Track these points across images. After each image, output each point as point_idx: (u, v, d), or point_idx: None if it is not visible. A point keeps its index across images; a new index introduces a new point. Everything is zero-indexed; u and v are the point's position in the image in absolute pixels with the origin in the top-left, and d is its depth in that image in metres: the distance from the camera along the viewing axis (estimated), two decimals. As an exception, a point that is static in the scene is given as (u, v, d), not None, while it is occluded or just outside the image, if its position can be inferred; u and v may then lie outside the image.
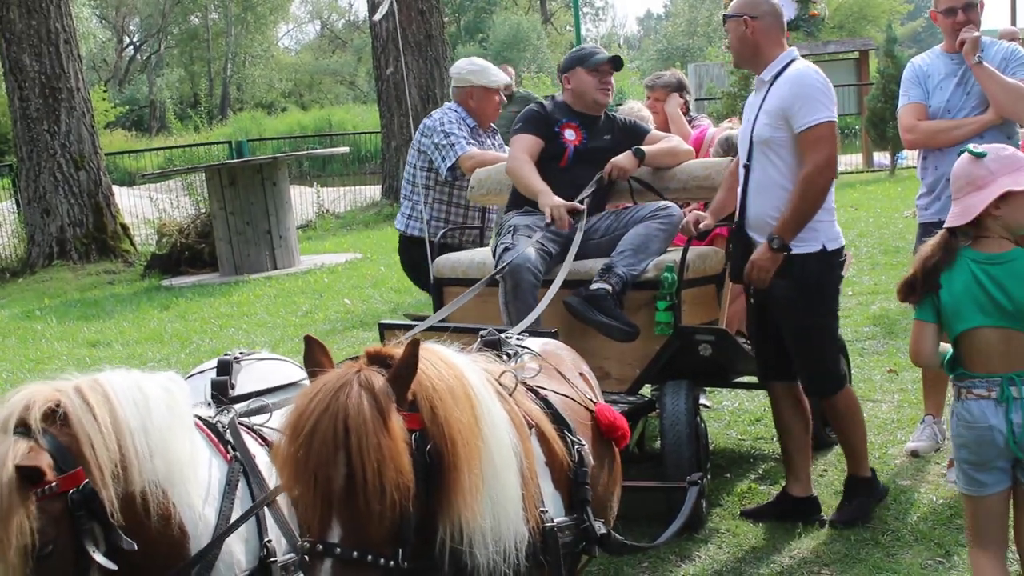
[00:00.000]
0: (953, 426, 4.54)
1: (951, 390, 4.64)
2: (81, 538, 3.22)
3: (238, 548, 3.63)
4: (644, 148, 7.05)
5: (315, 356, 3.24)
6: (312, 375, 3.19)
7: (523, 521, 3.35)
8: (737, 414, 8.51)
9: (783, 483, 6.93)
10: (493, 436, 3.24)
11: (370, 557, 2.95)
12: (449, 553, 3.20)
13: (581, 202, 6.70)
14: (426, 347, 3.27)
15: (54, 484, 3.18)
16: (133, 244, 21.01)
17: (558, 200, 6.60)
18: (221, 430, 3.82)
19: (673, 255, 6.61)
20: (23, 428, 3.24)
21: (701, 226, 6.52)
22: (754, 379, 7.44)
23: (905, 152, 23.18)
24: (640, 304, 6.52)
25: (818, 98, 5.92)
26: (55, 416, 3.29)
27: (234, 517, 3.62)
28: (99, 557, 3.23)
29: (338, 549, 2.93)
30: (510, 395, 3.61)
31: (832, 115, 5.95)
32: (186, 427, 3.60)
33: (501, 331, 4.47)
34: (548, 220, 6.54)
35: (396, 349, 3.18)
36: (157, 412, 3.46)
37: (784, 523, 6.35)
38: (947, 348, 4.54)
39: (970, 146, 4.51)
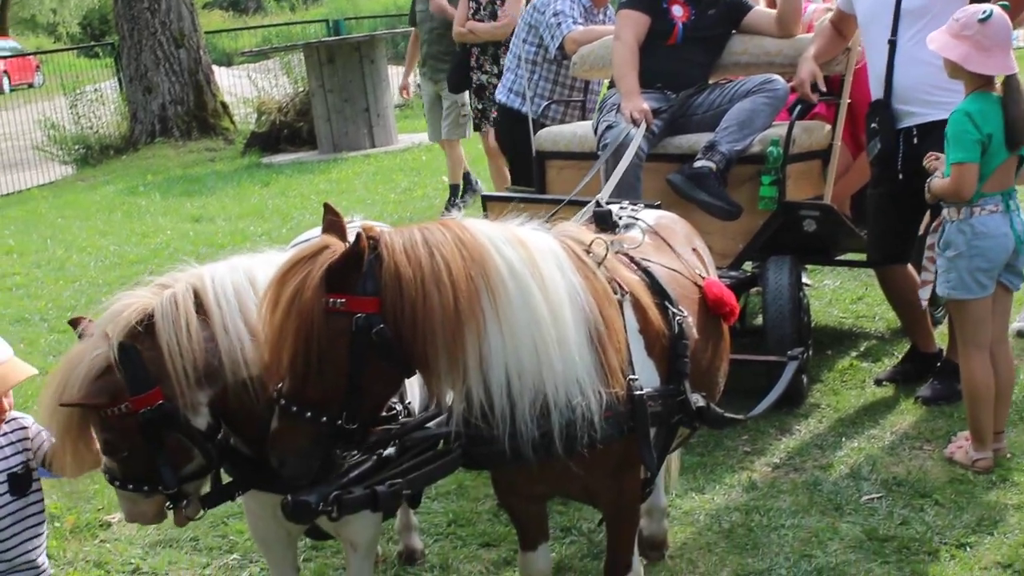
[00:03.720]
0: (964, 242, 5.33)
1: (965, 211, 5.34)
2: (154, 452, 3.39)
3: None
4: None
5: (328, 221, 3.39)
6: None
7: (595, 385, 3.40)
8: (839, 292, 8.46)
9: (885, 360, 6.95)
10: (525, 309, 3.28)
11: (308, 414, 3.23)
12: (465, 423, 3.42)
13: (659, 112, 6.63)
14: (448, 225, 3.35)
15: (124, 406, 3.33)
16: (233, 122, 21.19)
17: (641, 105, 6.52)
18: None
19: (779, 129, 6.52)
20: (110, 343, 3.35)
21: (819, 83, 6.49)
22: (857, 257, 7.40)
23: None
24: (744, 178, 6.47)
25: None
26: (143, 329, 3.39)
27: None
28: (165, 472, 3.40)
29: (282, 400, 3.25)
30: (600, 264, 3.64)
31: None
32: None
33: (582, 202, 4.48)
34: (627, 121, 6.45)
35: (380, 230, 3.33)
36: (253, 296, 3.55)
37: (887, 399, 6.36)
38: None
39: None
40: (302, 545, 4.97)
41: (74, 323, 3.55)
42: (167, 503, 3.52)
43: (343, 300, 3.17)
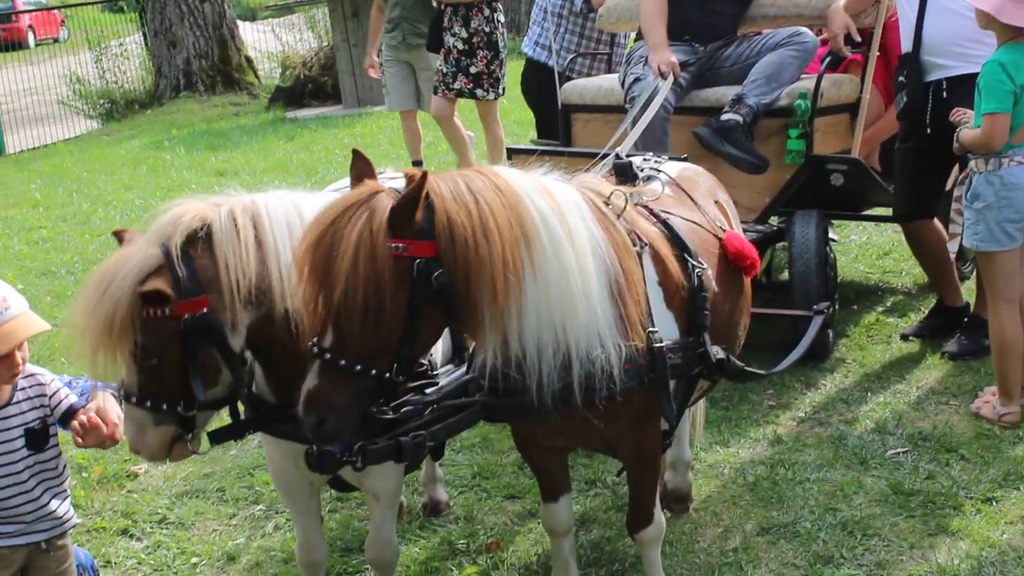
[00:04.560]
0: (993, 193, 5.32)
1: (994, 162, 5.33)
2: (187, 362, 3.34)
3: None
4: None
5: (359, 168, 3.34)
6: (353, 186, 3.30)
7: (615, 338, 3.39)
8: (865, 248, 8.41)
9: (912, 316, 6.91)
10: (555, 259, 3.25)
11: (357, 367, 3.13)
12: (502, 374, 3.37)
13: (687, 65, 6.56)
14: (484, 172, 3.32)
15: (168, 309, 3.28)
16: (257, 77, 21.19)
17: (669, 57, 6.45)
18: None
19: (806, 82, 6.46)
20: (164, 246, 3.33)
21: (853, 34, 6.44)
22: (883, 212, 7.35)
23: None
24: (772, 132, 6.42)
25: None
26: (199, 237, 3.36)
27: None
28: (196, 384, 3.36)
29: (327, 355, 3.13)
30: (619, 216, 3.61)
31: None
32: None
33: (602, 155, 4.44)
34: (655, 74, 6.39)
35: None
36: None
37: (913, 354, 6.34)
38: None
39: None
40: (326, 496, 5.00)
41: (118, 234, 3.52)
42: (174, 435, 3.46)
43: (404, 245, 3.11)
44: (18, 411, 3.69)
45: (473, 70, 9.57)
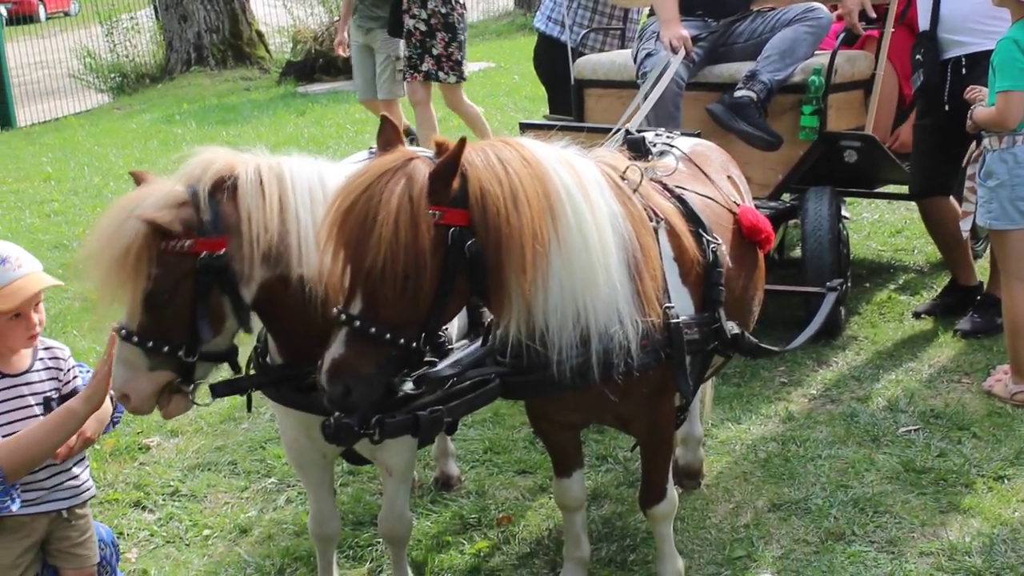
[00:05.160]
0: (1006, 172, 5.32)
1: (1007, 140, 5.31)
2: (196, 301, 3.30)
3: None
4: None
5: (387, 134, 3.33)
6: (381, 152, 3.27)
7: (632, 314, 3.38)
8: (877, 225, 8.39)
9: (924, 294, 6.90)
10: (579, 232, 3.24)
11: (388, 335, 3.09)
12: (525, 348, 3.34)
13: (699, 40, 6.52)
14: (510, 143, 3.28)
15: (186, 243, 3.25)
16: (268, 51, 21.13)
17: (681, 32, 6.42)
18: None
19: (821, 58, 6.44)
20: (191, 186, 3.32)
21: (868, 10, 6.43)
22: (895, 189, 7.33)
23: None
24: (785, 108, 6.40)
25: None
26: (226, 185, 3.34)
27: None
28: (203, 327, 3.32)
29: (356, 322, 3.07)
30: (635, 190, 3.60)
31: None
32: None
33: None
34: (667, 49, 6.36)
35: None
36: None
37: (926, 332, 6.33)
38: None
39: None
40: (338, 471, 5.01)
41: (135, 174, 3.49)
42: (169, 382, 3.39)
43: (441, 212, 3.09)
44: (37, 379, 3.73)
45: (435, 52, 9.54)
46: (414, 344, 3.15)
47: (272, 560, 4.60)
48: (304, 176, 3.45)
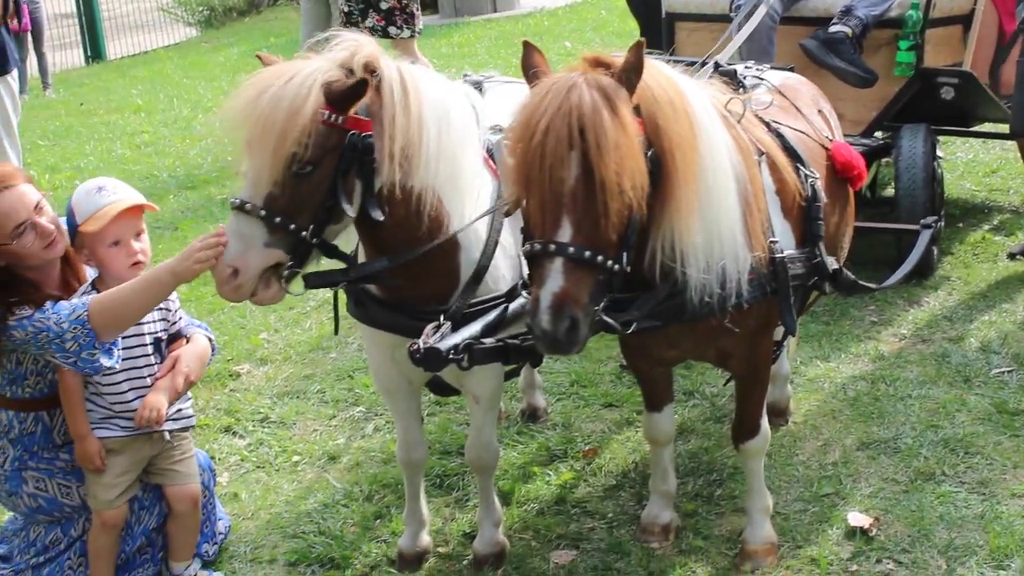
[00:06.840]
0: None
1: None
2: (337, 179, 3.25)
3: (503, 264, 3.66)
4: None
5: (533, 60, 3.22)
6: (533, 78, 3.17)
7: (744, 247, 3.35)
8: (972, 165, 8.22)
9: (1019, 235, 6.78)
10: (711, 156, 3.20)
11: (600, 258, 2.98)
12: (659, 268, 3.25)
13: None
14: (649, 61, 3.18)
15: (342, 118, 3.21)
16: (355, -15, 21.09)
17: None
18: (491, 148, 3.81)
19: (919, -8, 6.29)
20: (344, 67, 3.29)
21: None
22: (992, 128, 7.18)
23: None
24: (881, 43, 6.27)
25: None
26: (375, 73, 3.30)
27: (504, 233, 3.63)
28: (344, 203, 3.26)
29: (570, 248, 2.95)
30: (737, 122, 3.55)
31: None
32: (475, 145, 3.60)
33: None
34: None
35: (614, 56, 3.13)
36: (456, 122, 3.46)
37: (1020, 273, 6.22)
38: None
39: None
40: (425, 401, 5.04)
41: (263, 57, 3.48)
42: (278, 263, 3.29)
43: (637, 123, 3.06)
44: (151, 319, 3.82)
45: (384, 5, 8.37)
46: (617, 266, 3.04)
47: (360, 487, 4.66)
48: (434, 86, 3.43)
